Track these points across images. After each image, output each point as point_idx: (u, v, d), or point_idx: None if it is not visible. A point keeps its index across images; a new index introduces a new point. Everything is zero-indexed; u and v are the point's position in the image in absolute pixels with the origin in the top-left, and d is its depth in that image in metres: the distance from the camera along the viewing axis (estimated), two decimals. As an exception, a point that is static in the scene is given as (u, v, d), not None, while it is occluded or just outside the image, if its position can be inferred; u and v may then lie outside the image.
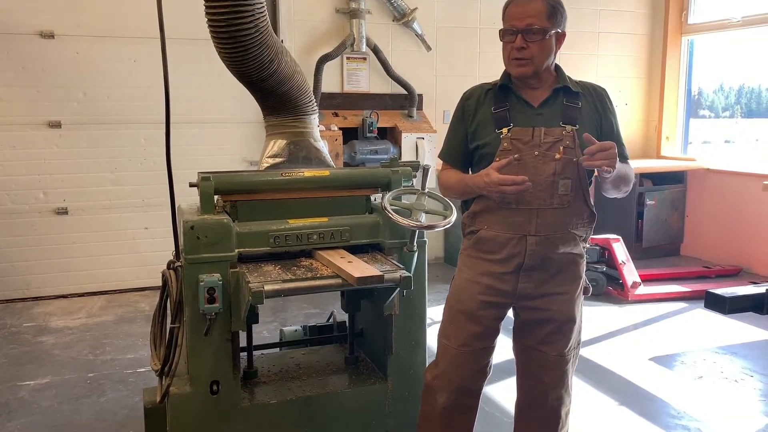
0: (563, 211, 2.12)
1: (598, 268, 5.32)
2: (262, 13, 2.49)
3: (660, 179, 6.62)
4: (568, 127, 2.12)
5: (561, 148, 2.10)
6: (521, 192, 2.05)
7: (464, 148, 2.27)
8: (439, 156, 2.40)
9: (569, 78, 2.23)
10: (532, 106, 2.17)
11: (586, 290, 2.33)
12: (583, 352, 4.15)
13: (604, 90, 2.28)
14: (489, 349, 2.29)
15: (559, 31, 2.14)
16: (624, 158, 2.23)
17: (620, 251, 5.31)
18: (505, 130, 2.13)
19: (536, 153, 2.10)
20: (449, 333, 2.29)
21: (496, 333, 2.30)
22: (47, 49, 5.08)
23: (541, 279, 2.18)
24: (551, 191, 2.10)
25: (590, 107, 2.20)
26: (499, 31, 2.17)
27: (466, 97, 2.28)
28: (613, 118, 2.25)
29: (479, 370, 2.30)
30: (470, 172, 2.29)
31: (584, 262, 2.28)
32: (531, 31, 2.08)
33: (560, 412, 2.31)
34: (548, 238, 2.13)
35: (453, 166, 2.32)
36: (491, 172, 2.06)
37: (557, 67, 2.23)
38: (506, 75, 2.23)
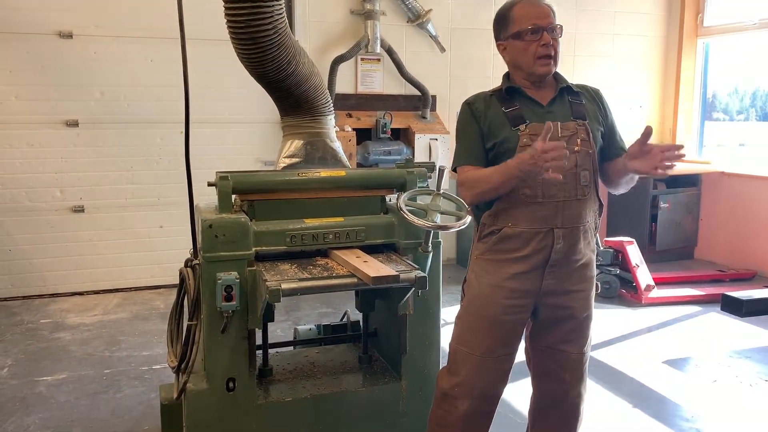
0: (584, 202, 2.17)
1: (611, 270, 5.31)
2: (281, 14, 2.52)
3: (674, 182, 6.59)
4: (580, 121, 2.18)
5: (578, 140, 2.15)
6: (563, 160, 1.94)
7: (482, 146, 2.23)
8: (458, 163, 2.29)
9: (565, 78, 2.31)
10: (541, 104, 2.22)
11: (597, 287, 2.38)
12: (597, 354, 4.15)
13: (598, 90, 2.36)
14: (512, 355, 2.29)
15: None
16: (623, 153, 2.26)
17: (634, 254, 5.30)
18: (522, 126, 2.15)
19: None
20: (470, 341, 2.27)
21: (519, 339, 2.31)
22: (65, 49, 5.14)
23: (564, 275, 2.20)
24: (575, 182, 2.14)
25: (592, 105, 2.28)
26: (514, 33, 2.17)
27: (471, 102, 2.28)
28: (611, 115, 2.33)
29: (501, 376, 2.30)
30: None
31: (595, 259, 2.32)
32: (552, 28, 2.15)
33: (580, 408, 2.34)
34: (572, 230, 2.17)
35: (474, 163, 2.23)
36: (537, 141, 1.98)
37: None
38: (507, 79, 2.28)
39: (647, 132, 2.01)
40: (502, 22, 2.23)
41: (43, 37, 5.09)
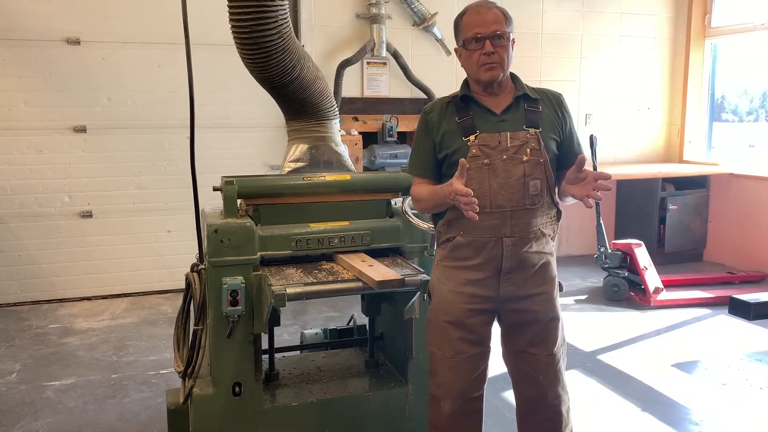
0: (534, 211, 2.17)
1: (619, 273, 5.28)
2: (285, 19, 2.52)
3: (683, 184, 6.56)
4: (532, 130, 2.18)
5: (528, 150, 2.16)
6: (470, 206, 2.01)
7: (433, 159, 2.28)
8: (408, 170, 2.42)
9: (526, 85, 2.28)
10: (495, 113, 2.23)
11: (560, 287, 2.36)
12: (605, 357, 4.13)
13: (560, 94, 2.33)
14: (484, 353, 2.32)
15: (512, 35, 2.22)
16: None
17: (642, 256, 5.27)
18: (472, 137, 2.18)
19: (504, 157, 2.15)
20: (441, 344, 2.30)
21: (489, 336, 2.32)
22: (73, 54, 5.18)
23: (521, 280, 2.22)
24: (522, 192, 2.16)
25: (550, 111, 2.26)
26: (462, 41, 2.22)
27: (428, 111, 2.32)
28: (570, 121, 2.31)
29: (478, 375, 2.31)
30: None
31: (555, 261, 2.32)
32: (498, 36, 2.15)
33: (561, 409, 2.32)
34: (522, 238, 2.18)
35: (423, 176, 2.31)
36: (454, 181, 2.06)
37: (513, 76, 2.29)
38: (466, 86, 2.29)
39: (580, 161, 2.05)
40: (455, 29, 2.27)
41: (50, 44, 5.12)
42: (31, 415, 3.36)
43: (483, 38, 2.15)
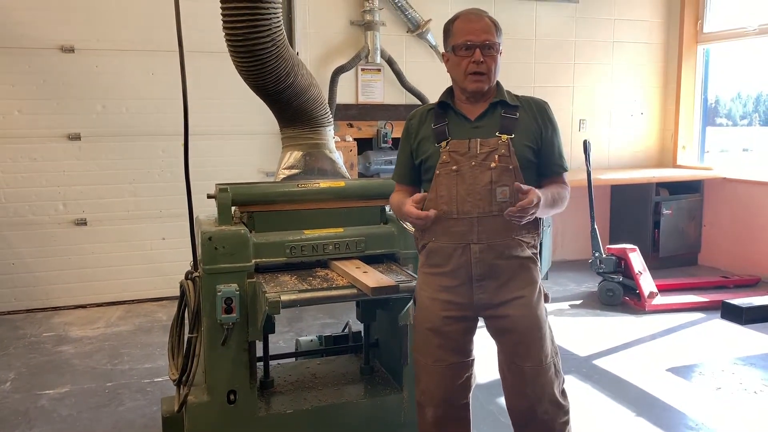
0: (502, 218, 2.13)
1: (614, 278, 5.29)
2: (278, 27, 2.53)
3: (676, 188, 6.58)
4: (504, 137, 2.18)
5: (496, 156, 2.15)
6: (426, 223, 2.15)
7: (411, 166, 2.34)
8: (392, 177, 2.48)
9: (508, 92, 2.28)
10: (469, 119, 2.24)
11: (545, 297, 2.31)
12: (600, 362, 4.14)
13: (545, 103, 2.31)
14: (465, 363, 2.30)
15: (500, 45, 2.23)
16: (561, 170, 2.29)
17: (637, 261, 5.28)
18: (443, 143, 2.21)
19: (473, 163, 2.16)
20: (422, 350, 2.31)
21: (469, 347, 2.30)
22: (67, 62, 5.18)
23: (495, 287, 2.20)
24: (489, 199, 2.15)
25: (529, 118, 2.24)
26: (451, 47, 2.22)
27: (410, 118, 2.37)
28: (552, 130, 2.27)
29: (461, 385, 2.30)
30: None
31: (537, 268, 2.27)
32: (488, 45, 2.16)
33: (553, 426, 2.26)
34: (491, 246, 2.17)
35: (401, 183, 2.39)
36: (407, 202, 2.16)
37: (497, 83, 2.28)
38: (446, 93, 2.31)
39: (517, 189, 2.07)
40: (445, 34, 2.28)
41: (45, 52, 5.12)
42: (25, 424, 3.34)
43: (473, 46, 2.16)
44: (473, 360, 2.33)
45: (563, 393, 2.30)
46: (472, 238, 2.17)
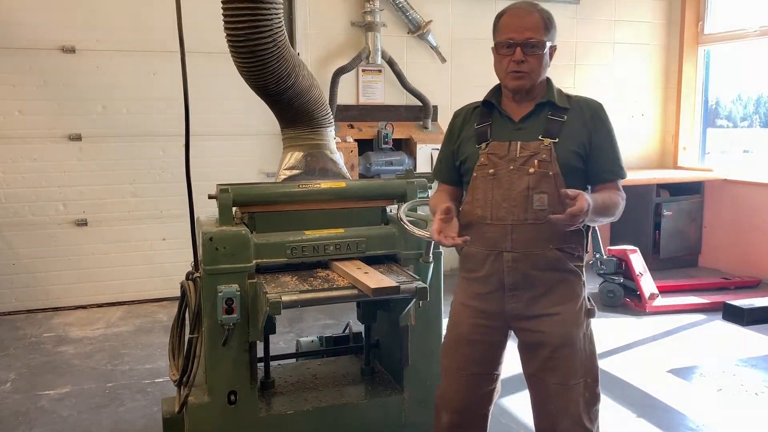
0: (540, 227, 2.02)
1: (615, 279, 5.29)
2: (280, 28, 2.53)
3: (677, 190, 6.58)
4: (546, 141, 2.05)
5: (536, 161, 2.03)
6: (457, 245, 2.02)
7: (451, 165, 2.26)
8: (432, 174, 2.40)
9: (559, 92, 2.16)
10: (513, 120, 2.13)
11: (590, 313, 2.17)
12: (601, 363, 4.07)
13: (599, 105, 2.16)
14: (490, 376, 2.23)
15: (553, 44, 2.12)
16: (613, 177, 2.13)
17: (637, 262, 5.28)
18: (483, 145, 2.12)
19: (511, 167, 2.06)
20: (448, 354, 2.26)
21: (496, 359, 2.23)
22: (68, 63, 5.17)
23: (530, 298, 2.09)
24: (525, 206, 2.04)
25: (579, 122, 2.10)
26: (495, 44, 2.13)
27: (455, 116, 2.30)
28: (605, 134, 2.12)
29: (482, 396, 2.23)
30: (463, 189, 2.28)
31: (581, 282, 2.14)
32: (530, 44, 2.04)
33: None
34: (526, 255, 2.06)
35: (442, 181, 2.32)
36: (436, 220, 2.04)
37: (548, 81, 2.18)
38: (493, 91, 2.22)
39: (563, 195, 1.89)
40: (493, 29, 2.17)
41: (46, 52, 5.12)
42: (25, 425, 3.34)
43: (515, 45, 2.04)
44: (498, 374, 2.25)
45: (591, 416, 2.18)
46: (505, 245, 2.07)
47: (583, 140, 2.08)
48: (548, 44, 2.08)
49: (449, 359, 2.25)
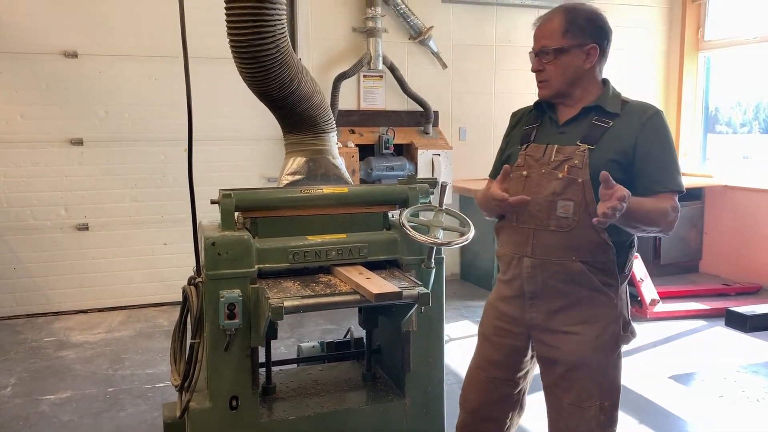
0: (562, 236, 1.96)
1: (615, 285, 5.28)
2: (282, 33, 2.54)
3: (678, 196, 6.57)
4: (583, 146, 1.97)
5: (566, 167, 1.96)
6: (519, 207, 1.97)
7: (500, 162, 2.25)
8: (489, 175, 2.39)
9: (614, 96, 2.09)
10: (558, 123, 2.10)
11: (622, 339, 2.06)
12: (602, 369, 4.12)
13: (654, 111, 2.04)
14: (507, 381, 2.18)
15: (587, 44, 2.03)
16: (662, 189, 2.00)
17: (638, 268, 5.28)
18: (524, 146, 2.12)
19: (543, 170, 2.01)
20: (475, 351, 2.28)
21: (516, 366, 2.18)
22: (70, 68, 5.19)
23: (548, 311, 2.05)
24: (549, 212, 1.98)
25: (626, 128, 1.99)
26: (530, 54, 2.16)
27: (513, 115, 2.31)
28: (658, 141, 1.99)
29: (498, 400, 2.20)
30: None
31: (613, 303, 2.02)
32: (543, 52, 2.05)
33: None
34: (546, 263, 2.00)
35: (492, 177, 2.31)
36: (493, 185, 2.06)
37: (604, 84, 2.13)
38: None
39: (603, 178, 1.77)
40: None
41: (48, 57, 5.14)
42: (26, 429, 3.33)
43: (533, 54, 2.09)
44: (518, 382, 2.20)
45: None
46: (526, 250, 2.03)
47: (626, 148, 1.97)
48: (572, 48, 2.02)
49: (473, 357, 2.27)
